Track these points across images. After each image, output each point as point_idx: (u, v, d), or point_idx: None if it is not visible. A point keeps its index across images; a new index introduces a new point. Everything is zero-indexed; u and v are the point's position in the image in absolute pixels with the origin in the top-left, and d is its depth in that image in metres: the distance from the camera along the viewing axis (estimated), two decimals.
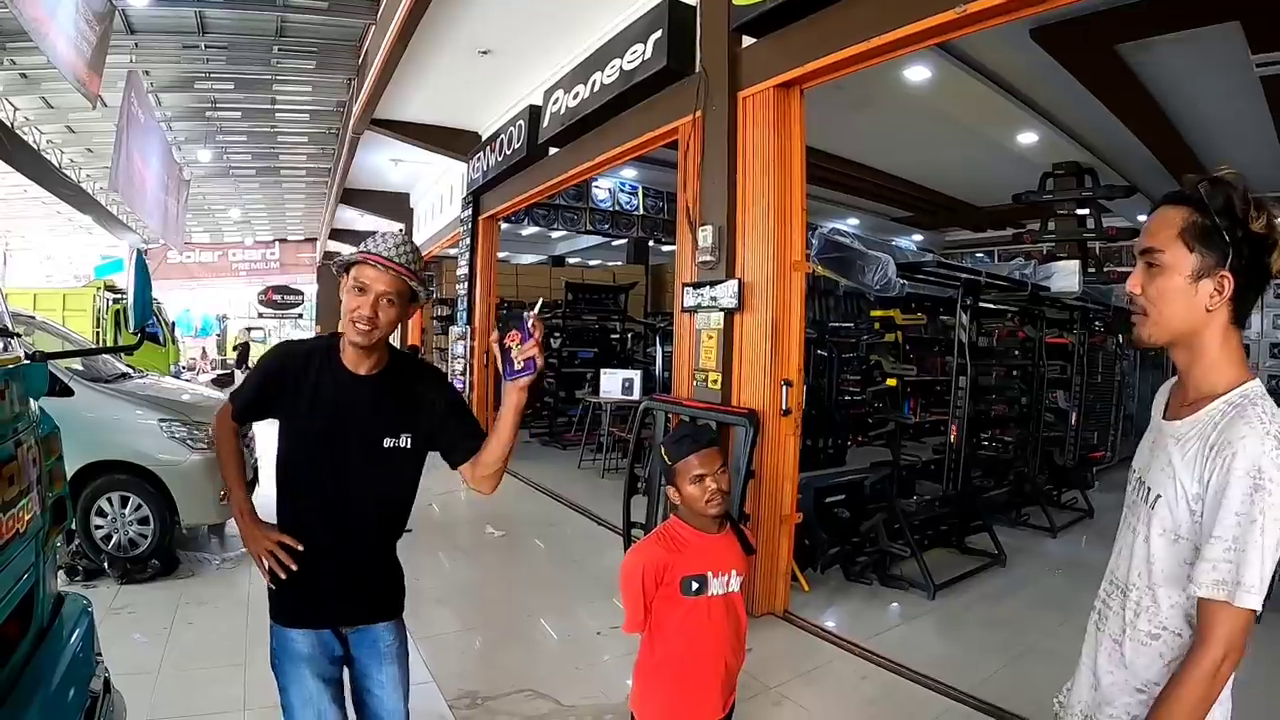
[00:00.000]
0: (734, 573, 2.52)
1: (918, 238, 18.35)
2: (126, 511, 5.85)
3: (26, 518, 2.23)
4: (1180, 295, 1.54)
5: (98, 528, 5.79)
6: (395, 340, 2.54)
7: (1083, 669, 1.78)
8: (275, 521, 2.42)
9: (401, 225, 18.77)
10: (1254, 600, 1.39)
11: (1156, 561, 1.57)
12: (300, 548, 2.33)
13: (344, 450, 2.34)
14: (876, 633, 5.09)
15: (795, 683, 4.36)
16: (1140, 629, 1.60)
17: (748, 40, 5.71)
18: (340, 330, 2.35)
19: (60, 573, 5.10)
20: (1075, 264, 8.46)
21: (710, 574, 2.48)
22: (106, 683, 2.55)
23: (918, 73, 8.23)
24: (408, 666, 2.58)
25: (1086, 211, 11.28)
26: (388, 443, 2.37)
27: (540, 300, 2.65)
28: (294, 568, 2.33)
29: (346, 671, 2.51)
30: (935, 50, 7.08)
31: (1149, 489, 1.63)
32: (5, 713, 1.89)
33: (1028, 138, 10.45)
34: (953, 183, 13.95)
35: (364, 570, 2.44)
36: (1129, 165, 11.13)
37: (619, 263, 20.02)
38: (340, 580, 2.39)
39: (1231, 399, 1.52)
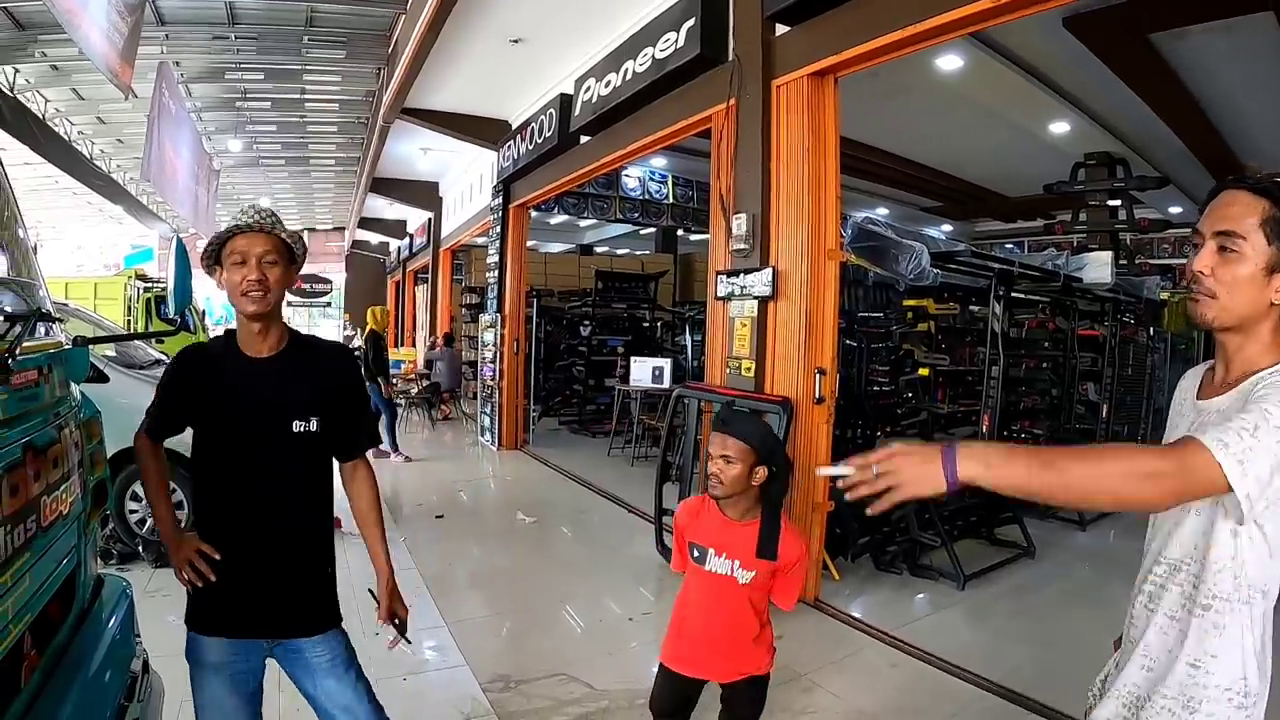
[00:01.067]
0: (737, 563, 2.59)
1: (947, 228, 18.20)
2: None
3: (69, 500, 2.26)
4: (1253, 284, 1.55)
5: (132, 512, 5.86)
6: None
7: (1133, 650, 1.75)
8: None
9: (431, 214, 18.91)
10: (1234, 471, 1.36)
11: (1209, 534, 1.57)
12: (217, 556, 2.27)
13: (250, 439, 2.27)
14: (906, 622, 5.10)
15: (826, 670, 4.37)
16: (1196, 602, 1.59)
17: (781, 28, 5.68)
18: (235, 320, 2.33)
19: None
20: (1108, 255, 8.36)
21: (713, 550, 2.62)
22: (145, 664, 2.58)
23: (950, 61, 8.14)
24: (353, 677, 2.41)
25: (1118, 202, 11.09)
26: (297, 426, 2.28)
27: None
28: (212, 578, 2.26)
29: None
30: (968, 39, 7.00)
31: None
32: (49, 692, 1.92)
33: (1059, 127, 10.30)
34: (983, 172, 13.85)
35: (282, 579, 2.32)
36: (1161, 156, 10.99)
37: (647, 252, 20.01)
38: (256, 588, 2.30)
39: (1276, 370, 1.54)
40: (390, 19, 12.30)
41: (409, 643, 2.52)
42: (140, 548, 5.82)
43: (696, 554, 2.66)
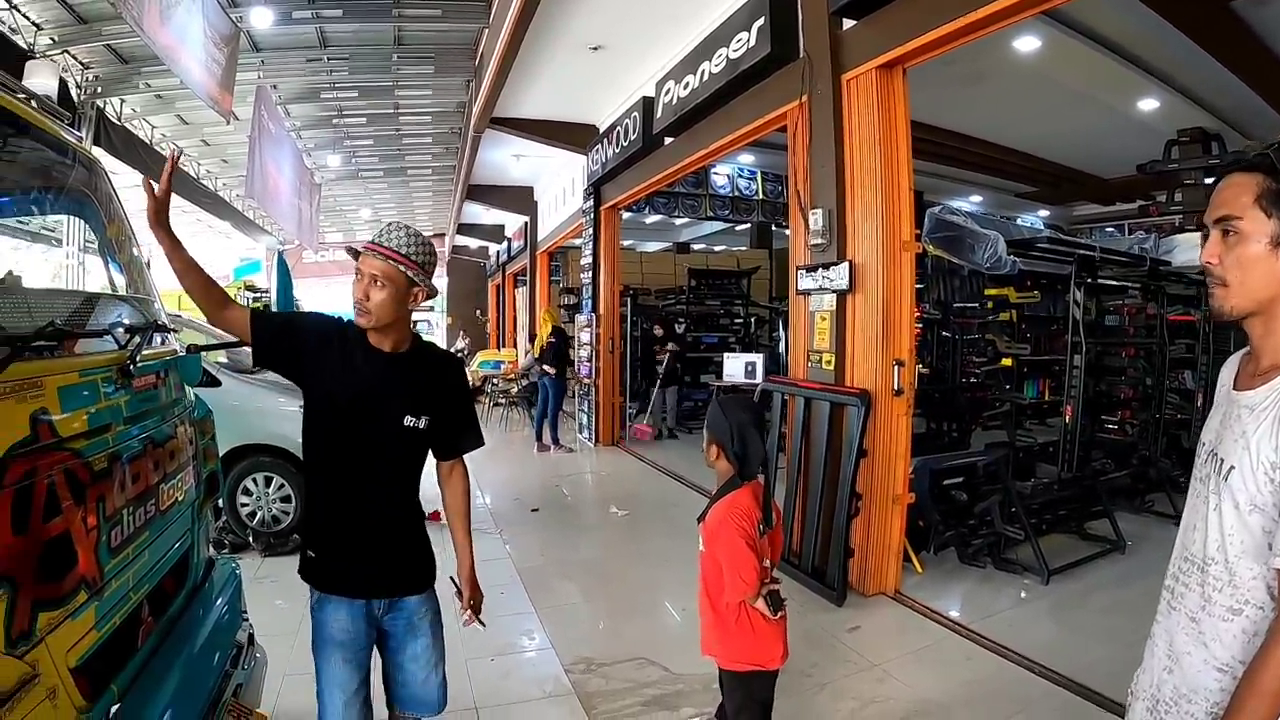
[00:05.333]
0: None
1: (1044, 213, 17.70)
2: (270, 491, 6.34)
3: (184, 489, 2.53)
4: (1261, 262, 1.49)
5: (243, 505, 6.30)
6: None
7: (1156, 650, 1.72)
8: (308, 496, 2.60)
9: (527, 218, 19.27)
10: None
11: (1233, 534, 1.50)
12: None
13: (369, 423, 2.45)
14: (986, 615, 5.07)
15: (901, 660, 4.43)
16: (1220, 604, 1.53)
17: (848, 23, 5.72)
18: None
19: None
20: (1198, 237, 8.03)
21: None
22: (250, 636, 2.87)
23: (1027, 43, 8.03)
24: (442, 637, 2.68)
25: (1214, 180, 10.62)
26: (408, 421, 2.48)
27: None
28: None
29: (376, 650, 2.63)
30: (1042, 18, 6.88)
31: (1221, 460, 1.55)
32: (162, 653, 2.19)
33: (1149, 104, 10.00)
34: (1075, 154, 13.44)
35: (393, 543, 2.55)
36: (1258, 129, 10.38)
37: (743, 247, 19.97)
38: (370, 551, 2.50)
39: None
40: (474, 34, 12.67)
41: (483, 625, 2.73)
42: (250, 538, 6.28)
43: None
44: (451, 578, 2.70)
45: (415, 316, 2.88)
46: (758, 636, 2.70)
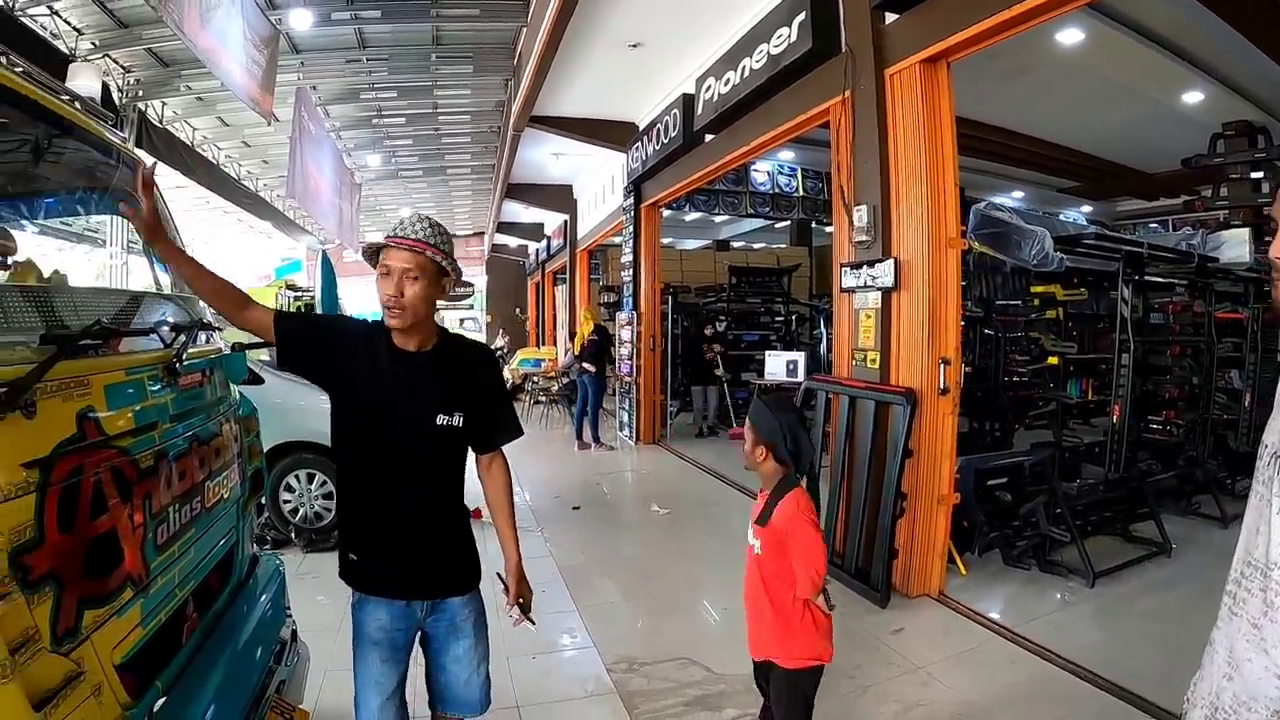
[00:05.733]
0: (752, 532, 2.79)
1: (1087, 209, 17.42)
2: (312, 487, 6.39)
3: (229, 486, 2.54)
4: None
5: (286, 502, 6.37)
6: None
7: (1215, 657, 1.63)
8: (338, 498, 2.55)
9: (566, 216, 19.22)
10: None
11: None
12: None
13: (394, 424, 2.38)
14: (1031, 618, 4.98)
15: (945, 663, 4.36)
16: None
17: (890, 17, 5.64)
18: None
19: None
20: (1245, 233, 7.80)
21: (751, 527, 2.80)
22: (294, 633, 2.88)
23: (1070, 35, 7.89)
24: (486, 637, 2.63)
25: (1261, 174, 10.36)
26: (441, 420, 2.40)
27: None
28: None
29: (419, 648, 2.59)
30: (1086, 11, 6.78)
31: None
32: (206, 650, 2.20)
33: (1193, 96, 9.77)
34: (1118, 148, 13.18)
35: (424, 544, 2.47)
36: None
37: (782, 245, 19.87)
38: (399, 552, 2.44)
39: None
40: (512, 32, 12.73)
41: (533, 623, 2.65)
42: (293, 534, 6.34)
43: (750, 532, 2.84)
44: (498, 574, 2.64)
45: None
46: (819, 632, 2.72)
